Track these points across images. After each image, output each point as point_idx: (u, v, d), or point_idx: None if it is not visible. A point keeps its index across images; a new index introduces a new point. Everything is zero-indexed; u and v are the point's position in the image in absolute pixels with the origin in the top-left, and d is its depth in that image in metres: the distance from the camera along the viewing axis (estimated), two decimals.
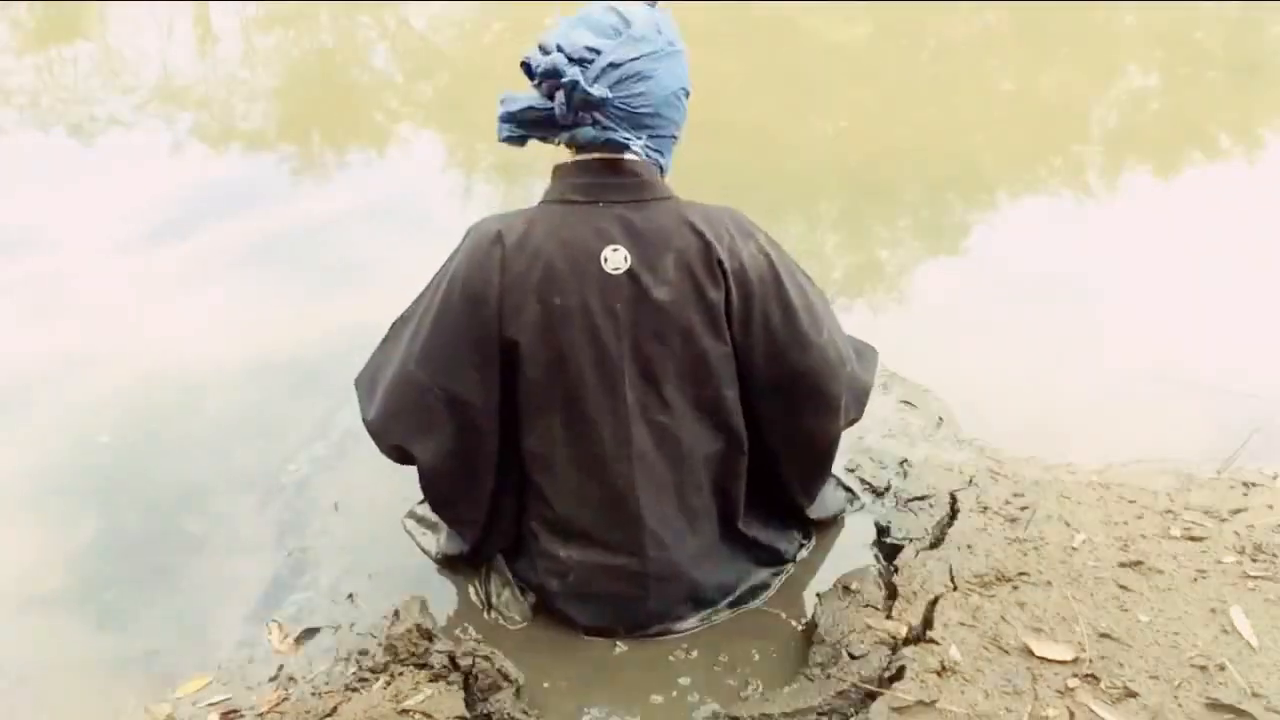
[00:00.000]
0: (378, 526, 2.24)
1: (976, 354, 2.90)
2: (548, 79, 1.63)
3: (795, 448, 1.96)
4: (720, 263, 1.70)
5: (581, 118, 1.66)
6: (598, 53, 1.64)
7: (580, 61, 1.63)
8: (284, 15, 6.04)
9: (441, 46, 5.81)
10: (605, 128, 1.68)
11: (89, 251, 3.48)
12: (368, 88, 5.10)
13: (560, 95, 1.63)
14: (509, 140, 1.75)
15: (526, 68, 1.68)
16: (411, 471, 1.97)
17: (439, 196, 4.07)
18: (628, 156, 1.73)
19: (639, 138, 1.71)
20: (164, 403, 2.69)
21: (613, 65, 1.64)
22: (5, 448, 2.54)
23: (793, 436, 1.93)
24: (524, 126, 1.72)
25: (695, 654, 1.92)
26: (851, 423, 2.03)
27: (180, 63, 5.33)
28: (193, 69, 5.30)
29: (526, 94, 1.71)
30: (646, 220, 1.71)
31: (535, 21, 5.62)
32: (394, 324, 1.96)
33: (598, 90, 1.62)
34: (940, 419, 2.59)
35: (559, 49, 1.64)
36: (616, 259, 1.68)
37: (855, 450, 2.47)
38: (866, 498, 2.33)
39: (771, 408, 1.89)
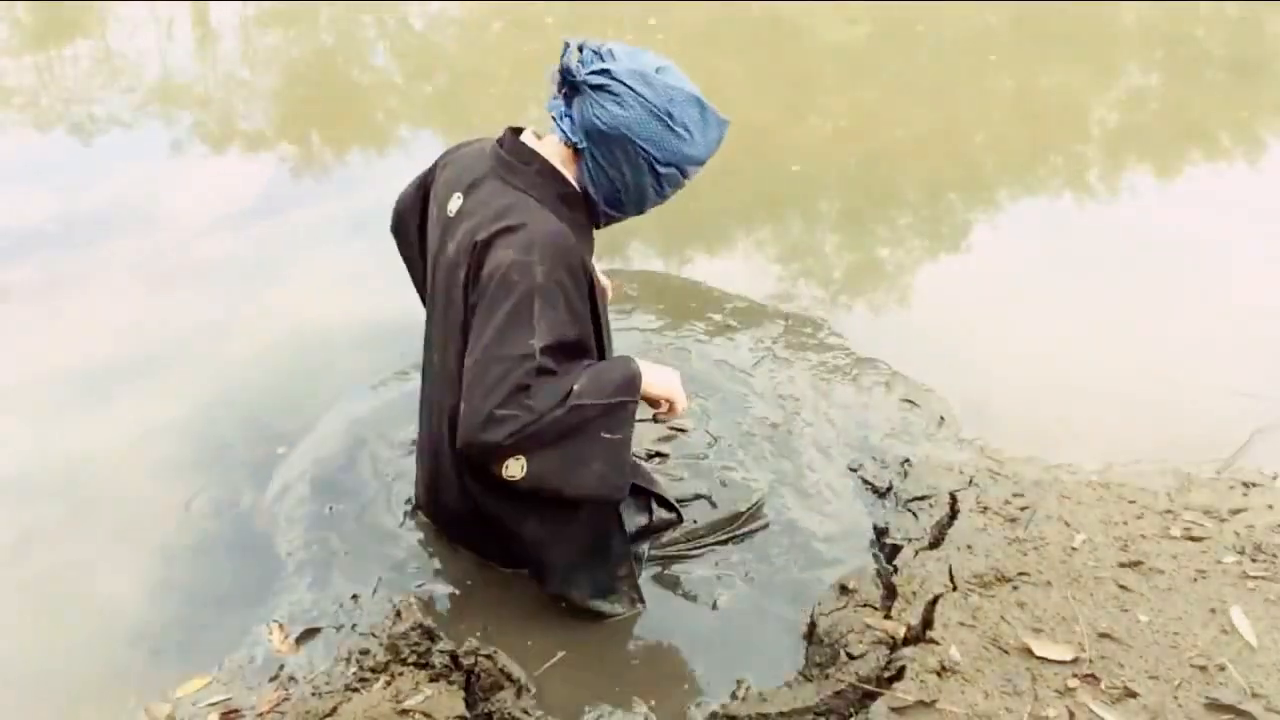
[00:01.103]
0: (380, 526, 2.24)
1: (977, 354, 2.90)
2: (563, 54, 1.78)
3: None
4: (475, 244, 1.77)
5: (563, 90, 1.78)
6: (612, 59, 1.76)
7: (596, 55, 1.77)
8: (284, 15, 6.04)
9: (442, 46, 5.81)
10: (561, 106, 1.79)
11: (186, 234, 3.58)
12: (369, 87, 5.10)
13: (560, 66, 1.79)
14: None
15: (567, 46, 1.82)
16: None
17: None
18: (540, 145, 1.83)
19: (579, 141, 1.77)
20: (182, 395, 2.70)
21: (607, 73, 1.73)
22: (23, 440, 2.55)
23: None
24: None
25: (694, 654, 1.92)
26: (468, 454, 1.73)
27: (180, 63, 5.33)
28: (193, 69, 5.29)
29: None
30: (490, 193, 1.82)
31: (535, 21, 5.62)
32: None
33: (579, 73, 1.74)
34: (941, 418, 2.59)
35: (591, 49, 1.79)
36: (453, 205, 1.87)
37: (858, 449, 2.47)
38: (868, 497, 2.32)
39: None
